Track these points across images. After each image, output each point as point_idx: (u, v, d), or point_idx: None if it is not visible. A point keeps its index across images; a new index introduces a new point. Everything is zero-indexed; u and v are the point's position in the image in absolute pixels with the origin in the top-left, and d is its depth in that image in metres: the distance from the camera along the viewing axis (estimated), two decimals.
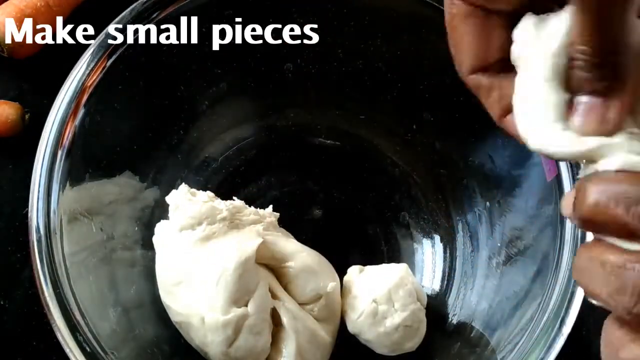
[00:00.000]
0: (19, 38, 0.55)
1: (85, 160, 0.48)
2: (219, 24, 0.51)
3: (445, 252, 0.56)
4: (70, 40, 0.55)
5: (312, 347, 0.48)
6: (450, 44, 0.34)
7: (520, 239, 0.50)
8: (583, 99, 0.29)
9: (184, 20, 0.50)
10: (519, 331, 0.46)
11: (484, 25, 0.31)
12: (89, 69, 0.46)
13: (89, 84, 0.46)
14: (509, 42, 0.31)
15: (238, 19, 0.52)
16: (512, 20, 0.31)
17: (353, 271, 0.53)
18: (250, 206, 0.51)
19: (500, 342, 0.47)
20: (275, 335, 0.48)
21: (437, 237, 0.57)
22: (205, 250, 0.47)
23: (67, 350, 0.41)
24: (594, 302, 0.29)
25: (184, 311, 0.47)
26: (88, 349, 0.42)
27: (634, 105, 0.28)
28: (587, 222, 0.28)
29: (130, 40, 0.48)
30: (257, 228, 0.49)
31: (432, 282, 0.56)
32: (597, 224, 0.28)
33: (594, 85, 0.28)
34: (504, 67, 0.32)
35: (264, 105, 0.58)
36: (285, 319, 0.47)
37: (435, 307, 0.54)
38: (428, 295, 0.53)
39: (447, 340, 0.52)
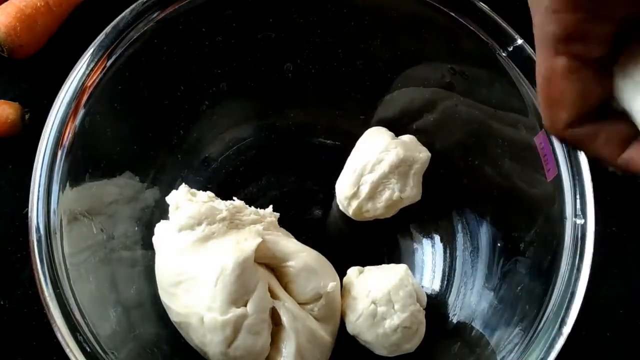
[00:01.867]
0: (19, 38, 0.55)
1: (85, 160, 0.48)
2: (219, 24, 0.51)
3: (445, 252, 0.56)
4: (70, 40, 0.55)
5: (312, 347, 0.48)
6: (543, 100, 0.34)
7: (520, 239, 0.50)
8: None
9: (184, 20, 0.50)
10: (519, 331, 0.46)
11: (584, 79, 0.32)
12: (89, 69, 0.47)
13: (89, 84, 0.46)
14: (605, 85, 0.32)
15: (238, 19, 0.52)
16: (603, 65, 0.32)
17: (352, 272, 0.53)
18: (250, 206, 0.51)
19: (500, 342, 0.47)
20: (275, 335, 0.48)
21: (437, 237, 0.57)
22: (205, 250, 0.47)
23: (67, 350, 0.41)
24: None
25: (183, 311, 0.47)
26: (88, 349, 0.42)
27: None
28: None
29: (130, 40, 0.48)
30: (257, 228, 0.49)
31: (432, 282, 0.56)
32: None
33: None
34: (600, 112, 0.33)
35: (264, 105, 0.58)
36: (285, 319, 0.47)
37: (435, 307, 0.54)
38: (428, 295, 0.53)
39: (447, 340, 0.52)
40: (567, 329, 0.43)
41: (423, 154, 0.54)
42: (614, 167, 0.34)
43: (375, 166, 0.53)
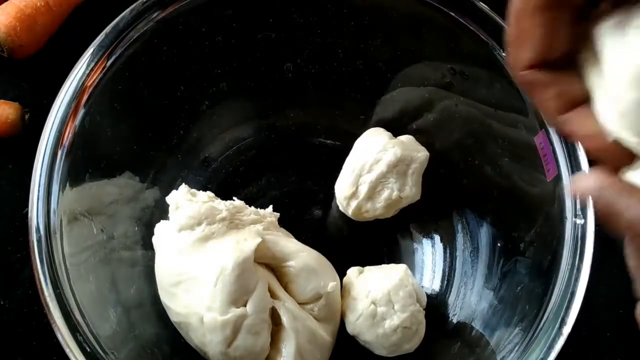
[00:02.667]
0: (19, 38, 0.55)
1: (85, 160, 0.48)
2: (219, 24, 0.51)
3: (445, 252, 0.56)
4: (70, 40, 0.55)
5: (311, 347, 0.48)
6: (510, 36, 0.32)
7: (520, 239, 0.50)
8: None
9: (184, 20, 0.50)
10: (519, 331, 0.46)
11: (554, 19, 0.30)
12: (89, 69, 0.47)
13: (89, 84, 0.47)
14: (573, 37, 0.31)
15: (238, 19, 0.52)
16: (578, 14, 0.30)
17: (352, 272, 0.53)
18: (250, 206, 0.51)
19: (500, 342, 0.47)
20: (275, 335, 0.48)
21: (437, 237, 0.57)
22: (205, 250, 0.47)
23: (67, 350, 0.41)
24: None
25: (183, 311, 0.47)
26: (88, 349, 0.42)
27: None
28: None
29: (130, 40, 0.48)
30: (257, 228, 0.49)
31: (432, 282, 0.56)
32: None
33: None
34: (564, 62, 0.31)
35: (264, 105, 0.58)
36: (285, 319, 0.47)
37: (435, 307, 0.54)
38: (428, 296, 0.53)
39: (447, 340, 0.52)
40: (567, 329, 0.43)
41: (421, 154, 0.54)
42: (551, 122, 0.33)
43: (373, 166, 0.53)
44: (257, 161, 0.58)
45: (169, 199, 0.51)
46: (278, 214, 0.52)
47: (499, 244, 0.52)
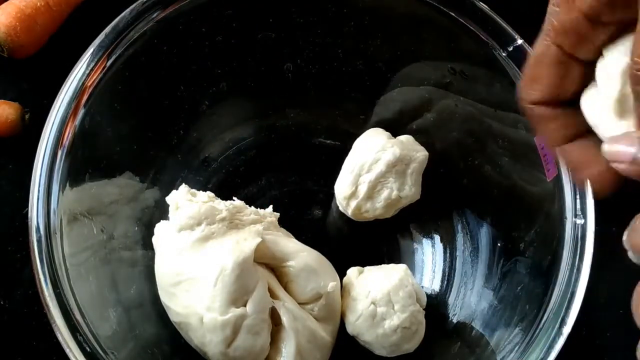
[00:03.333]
0: (19, 38, 0.55)
1: (85, 160, 0.48)
2: (219, 24, 0.51)
3: (445, 252, 0.56)
4: (70, 41, 0.55)
5: (311, 347, 0.48)
6: (525, 75, 0.38)
7: (520, 239, 0.50)
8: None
9: (184, 20, 0.50)
10: (519, 331, 0.46)
11: (566, 68, 0.36)
12: (89, 69, 0.47)
13: (89, 84, 0.47)
14: (581, 84, 0.36)
15: (238, 19, 0.52)
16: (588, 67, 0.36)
17: (352, 272, 0.53)
18: (250, 206, 0.51)
19: (500, 342, 0.47)
20: (275, 335, 0.48)
21: (437, 237, 0.57)
22: (204, 250, 0.47)
23: (67, 350, 0.41)
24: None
25: (183, 311, 0.47)
26: (88, 349, 0.42)
27: None
28: None
29: (130, 40, 0.48)
30: (257, 228, 0.49)
31: (432, 282, 0.56)
32: None
33: None
34: (569, 103, 0.36)
35: (264, 105, 0.58)
36: (285, 319, 0.47)
37: (435, 307, 0.54)
38: (428, 295, 0.53)
39: (447, 340, 0.52)
40: (567, 329, 0.43)
41: (420, 153, 0.54)
42: (553, 151, 0.39)
43: (372, 166, 0.53)
44: (257, 161, 0.58)
45: (169, 199, 0.51)
46: (278, 214, 0.52)
47: (499, 244, 0.52)
